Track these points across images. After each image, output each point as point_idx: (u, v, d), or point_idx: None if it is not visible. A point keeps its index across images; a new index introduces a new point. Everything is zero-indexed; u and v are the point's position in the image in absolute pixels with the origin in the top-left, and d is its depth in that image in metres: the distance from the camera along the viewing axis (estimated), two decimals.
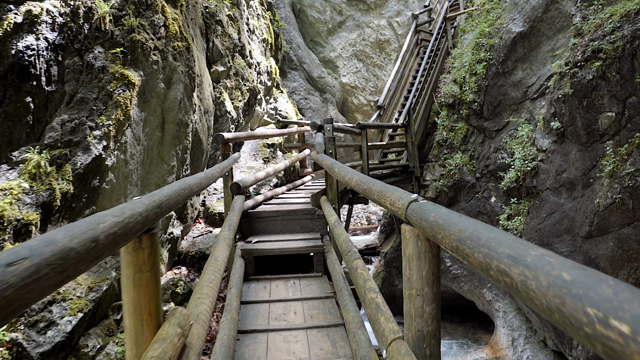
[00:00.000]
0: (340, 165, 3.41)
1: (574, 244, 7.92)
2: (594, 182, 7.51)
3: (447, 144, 12.37)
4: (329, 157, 4.28)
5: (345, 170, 3.08)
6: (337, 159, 5.49)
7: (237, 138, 5.54)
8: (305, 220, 5.54)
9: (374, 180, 2.34)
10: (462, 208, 11.74)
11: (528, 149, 9.27)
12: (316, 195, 5.62)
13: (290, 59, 22.32)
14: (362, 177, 2.54)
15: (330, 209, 4.65)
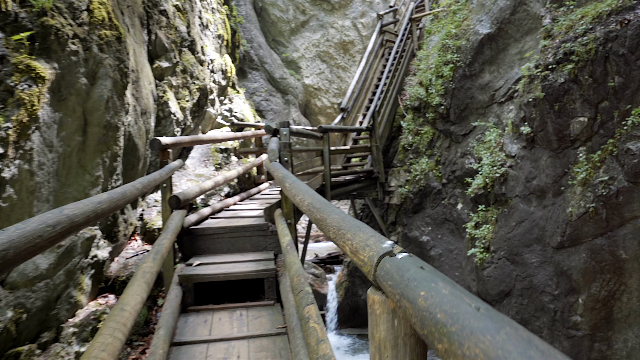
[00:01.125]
0: (293, 180, 2.80)
1: (545, 255, 7.54)
2: (566, 190, 7.14)
3: (413, 149, 11.93)
4: (281, 168, 3.66)
5: (298, 187, 2.48)
6: (293, 168, 4.88)
7: (179, 143, 4.87)
8: (257, 238, 4.91)
9: (330, 207, 1.74)
10: (427, 215, 11.32)
11: (496, 155, 8.88)
12: (270, 209, 4.99)
13: (251, 58, 21.61)
14: (317, 200, 1.94)
15: (284, 226, 4.02)
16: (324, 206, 1.73)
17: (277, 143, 4.63)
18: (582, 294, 6.82)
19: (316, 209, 1.79)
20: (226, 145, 8.21)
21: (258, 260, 4.50)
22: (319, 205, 1.79)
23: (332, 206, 1.73)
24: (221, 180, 5.71)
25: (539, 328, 7.71)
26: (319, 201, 1.88)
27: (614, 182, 6.29)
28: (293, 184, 2.65)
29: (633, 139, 6.14)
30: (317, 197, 1.97)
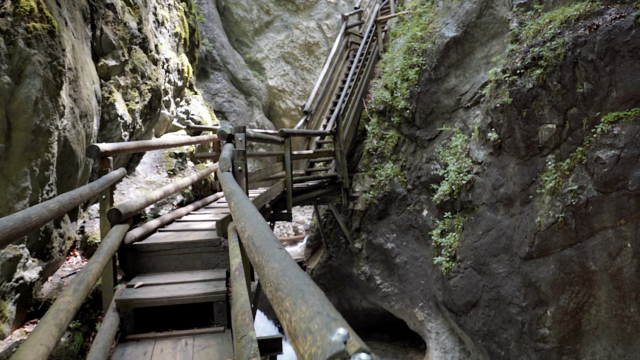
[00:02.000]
0: (239, 199, 2.40)
1: (512, 265, 7.34)
2: (534, 198, 6.96)
3: (378, 153, 11.66)
4: (231, 181, 3.24)
5: (242, 210, 2.08)
6: (248, 178, 4.45)
7: (122, 150, 4.38)
8: (208, 254, 4.46)
9: (272, 248, 1.34)
10: (393, 221, 11.05)
11: (463, 161, 8.67)
12: (222, 222, 4.55)
13: (214, 58, 21.01)
14: (258, 234, 1.54)
15: (235, 244, 3.60)
16: (265, 246, 1.34)
17: (230, 150, 4.20)
18: (551, 306, 6.63)
19: (255, 247, 1.40)
20: (181, 150, 7.70)
21: (208, 280, 4.05)
22: (259, 242, 1.40)
23: (275, 245, 1.34)
24: (172, 188, 5.24)
25: (506, 340, 7.50)
26: (260, 236, 1.49)
27: (584, 192, 6.11)
28: (238, 204, 2.25)
29: (603, 147, 5.98)
30: (260, 229, 1.57)
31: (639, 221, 5.81)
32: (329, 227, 12.63)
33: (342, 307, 12.76)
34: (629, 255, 5.92)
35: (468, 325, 8.30)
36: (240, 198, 2.37)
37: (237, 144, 4.88)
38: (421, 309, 10.45)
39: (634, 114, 5.86)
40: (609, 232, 6.00)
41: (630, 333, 6.39)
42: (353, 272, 11.96)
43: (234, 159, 4.19)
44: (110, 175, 3.95)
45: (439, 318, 10.14)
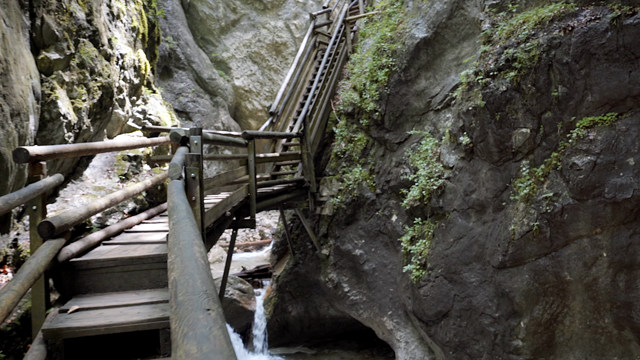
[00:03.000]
0: (180, 218, 1.97)
1: (485, 274, 7.09)
2: (507, 205, 6.71)
3: (346, 157, 11.32)
4: (178, 192, 2.80)
5: (178, 234, 1.66)
6: (203, 187, 4.00)
7: (57, 153, 3.86)
8: (157, 271, 3.98)
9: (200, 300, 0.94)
10: (361, 227, 10.73)
11: (433, 165, 8.40)
12: None
13: (178, 57, 20.34)
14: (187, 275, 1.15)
15: None
16: (189, 303, 0.95)
17: (182, 155, 3.75)
18: (524, 317, 6.39)
19: (176, 302, 1.00)
20: (136, 153, 7.15)
21: (155, 302, 3.58)
22: (182, 295, 1.01)
23: (202, 305, 0.95)
24: (120, 196, 4.73)
25: (479, 352, 7.24)
26: (187, 283, 1.09)
27: (559, 199, 5.89)
28: (176, 225, 1.83)
29: (578, 153, 5.76)
30: (190, 272, 1.18)
31: (615, 230, 5.61)
32: (296, 233, 12.22)
33: (309, 316, 12.36)
34: (605, 265, 5.72)
35: (439, 335, 8.02)
36: (180, 217, 1.94)
37: (193, 147, 4.42)
38: (390, 318, 10.14)
39: (609, 118, 5.66)
40: (585, 241, 5.78)
41: (604, 344, 6.20)
42: (320, 279, 11.57)
43: (186, 164, 3.73)
44: (39, 184, 3.44)
45: (408, 327, 9.85)
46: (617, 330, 6.00)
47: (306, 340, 12.88)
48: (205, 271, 1.22)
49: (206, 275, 1.17)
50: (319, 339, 12.95)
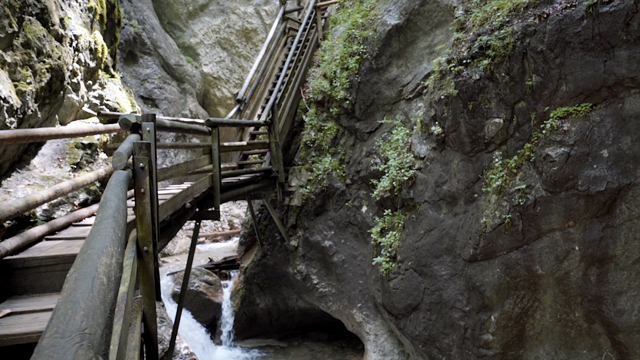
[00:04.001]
0: (105, 217, 1.66)
1: (455, 267, 6.93)
2: (479, 197, 6.55)
3: (315, 146, 11.03)
4: (117, 184, 2.47)
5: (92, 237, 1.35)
6: (154, 178, 3.65)
7: None
8: None
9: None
10: (330, 218, 10.49)
11: (404, 156, 8.19)
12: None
13: (143, 41, 19.63)
14: (72, 302, 0.83)
15: (129, 262, 2.82)
16: (47, 346, 0.66)
17: (130, 143, 3.40)
18: (495, 311, 6.26)
19: (44, 334, 0.73)
20: (91, 140, 6.71)
21: None
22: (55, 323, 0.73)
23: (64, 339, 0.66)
24: (67, 186, 4.34)
25: (448, 346, 7.11)
26: (65, 312, 0.80)
27: (532, 191, 5.74)
28: (97, 225, 1.51)
29: (552, 144, 5.61)
30: (74, 297, 0.88)
31: (587, 223, 5.49)
32: (264, 224, 11.91)
33: (278, 308, 12.11)
34: (577, 259, 5.61)
35: (408, 329, 7.86)
36: (104, 216, 1.63)
37: (145, 135, 4.07)
38: (359, 310, 9.96)
39: (584, 109, 5.52)
40: (557, 234, 5.66)
41: (573, 337, 6.13)
42: (289, 271, 11.32)
43: (134, 153, 3.38)
44: None
45: (377, 319, 9.69)
46: (587, 324, 5.92)
47: (275, 332, 12.64)
48: (101, 296, 0.93)
49: (98, 303, 0.88)
50: (287, 331, 12.73)
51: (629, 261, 5.35)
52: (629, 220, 5.27)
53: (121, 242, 1.44)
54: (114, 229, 1.45)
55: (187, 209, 5.69)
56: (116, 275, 1.16)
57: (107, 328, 0.87)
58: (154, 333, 3.58)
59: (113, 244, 1.30)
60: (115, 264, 1.20)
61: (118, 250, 1.32)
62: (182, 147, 6.87)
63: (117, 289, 1.12)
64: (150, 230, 3.49)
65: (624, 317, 5.52)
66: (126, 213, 2.04)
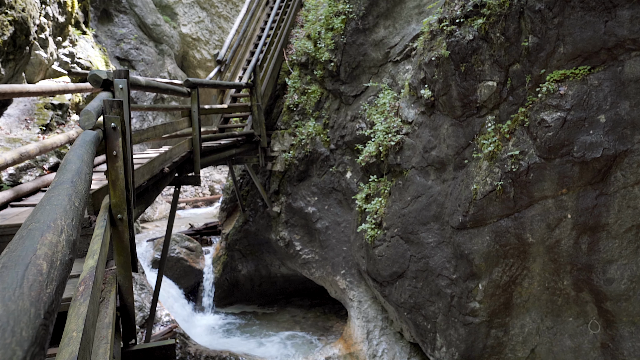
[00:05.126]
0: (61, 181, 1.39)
1: (443, 235, 6.79)
2: (469, 163, 6.35)
3: (299, 110, 10.69)
4: (82, 145, 2.17)
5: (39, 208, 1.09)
6: (128, 140, 3.34)
7: None
8: None
9: None
10: (314, 184, 10.25)
11: (391, 120, 7.93)
12: (95, 195, 3.45)
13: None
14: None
15: (100, 231, 2.55)
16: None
17: (100, 101, 3.07)
18: (483, 279, 6.16)
19: None
20: (62, 101, 6.28)
21: (70, 276, 2.98)
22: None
23: None
24: (34, 149, 4.01)
25: (434, 313, 7.04)
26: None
27: (525, 158, 5.55)
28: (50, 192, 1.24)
29: (547, 108, 5.40)
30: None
31: (581, 190, 5.34)
32: (246, 189, 11.63)
33: (260, 274, 11.98)
34: (568, 227, 5.49)
35: (393, 296, 7.77)
36: (60, 181, 1.35)
37: (117, 93, 3.72)
38: (343, 277, 9.86)
39: (582, 72, 5.30)
40: (549, 201, 5.51)
41: (560, 305, 6.08)
42: (271, 237, 11.13)
43: (105, 112, 3.06)
44: None
45: (361, 286, 9.61)
46: (575, 292, 5.86)
47: (257, 298, 12.54)
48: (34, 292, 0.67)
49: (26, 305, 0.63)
50: (269, 297, 12.64)
51: (621, 229, 5.25)
52: (623, 187, 5.13)
53: (78, 212, 1.17)
54: (69, 197, 1.18)
55: (165, 173, 5.38)
56: (65, 259, 0.89)
57: (36, 344, 0.62)
58: (130, 306, 3.34)
59: (65, 216, 1.03)
60: (65, 242, 0.94)
61: (72, 224, 1.05)
62: (160, 109, 6.49)
63: (64, 276, 0.86)
64: (125, 197, 3.20)
65: (613, 286, 5.46)
66: (90, 178, 1.75)
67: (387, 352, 8.96)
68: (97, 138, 2.67)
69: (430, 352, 7.41)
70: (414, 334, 7.79)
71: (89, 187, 1.67)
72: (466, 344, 6.57)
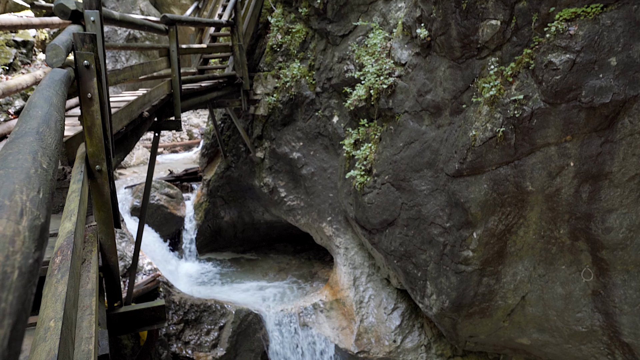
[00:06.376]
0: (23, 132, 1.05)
1: (437, 182, 6.57)
2: (468, 108, 6.05)
3: (283, 50, 10.14)
4: (51, 84, 1.80)
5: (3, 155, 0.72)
6: (104, 80, 2.93)
7: None
8: None
9: None
10: (299, 128, 9.88)
11: (383, 62, 7.51)
12: (69, 142, 3.06)
13: None
14: None
15: (77, 186, 2.21)
16: None
17: (69, 34, 2.63)
18: (478, 228, 6.00)
19: None
20: (26, 37, 5.69)
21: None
22: None
23: None
24: None
25: (425, 262, 6.93)
26: None
27: (529, 102, 5.26)
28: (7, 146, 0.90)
29: (556, 50, 5.06)
30: None
31: (586, 137, 5.12)
32: (227, 134, 11.20)
33: (243, 221, 11.75)
34: (570, 175, 5.29)
35: (383, 244, 7.64)
36: (23, 131, 1.00)
37: (89, 26, 3.26)
38: (329, 224, 9.69)
39: (594, 10, 4.94)
40: (552, 149, 5.28)
41: (554, 254, 6.00)
42: (255, 184, 10.83)
43: (76, 48, 2.63)
44: None
45: (348, 233, 9.47)
46: (570, 240, 5.75)
47: (240, 245, 12.39)
48: None
49: None
50: (253, 243, 12.49)
51: (624, 178, 5.08)
52: (630, 135, 4.92)
53: (48, 179, 0.83)
54: (34, 155, 0.83)
55: (145, 118, 4.96)
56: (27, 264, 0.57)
57: None
58: (114, 265, 3.05)
59: (29, 186, 0.70)
60: (28, 231, 0.61)
61: (39, 199, 0.71)
62: (135, 48, 5.97)
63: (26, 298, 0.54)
64: (103, 145, 2.83)
65: (611, 235, 5.35)
66: (62, 126, 1.40)
67: (374, 298, 8.95)
68: (68, 77, 2.27)
69: (419, 300, 7.37)
70: (403, 282, 7.73)
71: (61, 138, 1.31)
72: (457, 292, 6.51)
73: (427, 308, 7.19)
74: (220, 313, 8.54)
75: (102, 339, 2.28)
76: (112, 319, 2.98)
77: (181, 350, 8.06)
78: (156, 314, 3.08)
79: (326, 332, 8.68)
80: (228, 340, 8.32)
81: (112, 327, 2.95)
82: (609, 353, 6.29)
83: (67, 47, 2.49)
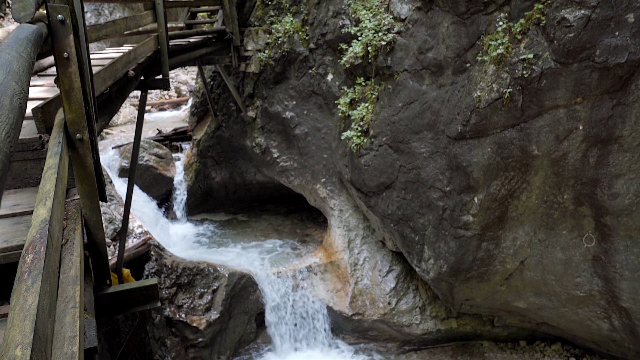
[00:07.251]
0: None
1: (437, 144, 6.34)
2: (472, 67, 5.75)
3: (274, 4, 9.66)
4: (16, 42, 1.51)
5: None
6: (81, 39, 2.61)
7: None
8: (22, 163, 2.73)
9: None
10: (292, 86, 9.52)
11: (381, 17, 7.12)
12: (45, 108, 2.76)
13: None
14: None
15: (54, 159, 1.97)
16: None
17: None
18: (480, 192, 5.82)
19: None
20: None
21: (20, 213, 2.41)
22: None
23: None
24: None
25: (423, 226, 6.78)
26: None
27: (538, 62, 4.98)
28: None
29: (570, 5, 4.74)
30: None
31: (597, 100, 4.88)
32: (217, 92, 10.81)
33: (235, 181, 11.52)
34: (578, 139, 5.09)
35: (379, 207, 7.47)
36: None
37: None
38: (323, 185, 9.49)
39: None
40: (561, 111, 5.05)
41: (556, 219, 5.86)
42: (246, 144, 10.54)
43: (47, 0, 2.31)
44: None
45: (342, 195, 9.29)
46: (574, 205, 5.60)
47: (231, 205, 12.20)
48: None
49: None
50: (245, 203, 12.30)
51: (634, 142, 4.88)
52: None
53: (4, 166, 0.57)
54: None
55: (130, 77, 4.62)
56: None
57: None
58: (100, 242, 2.81)
59: None
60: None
61: None
62: (118, 0, 5.55)
63: None
64: (83, 111, 2.54)
65: (617, 200, 5.20)
66: (24, 102, 1.13)
67: (369, 260, 8.86)
68: (39, 35, 1.96)
69: (416, 264, 7.27)
70: (400, 245, 7.61)
71: (21, 119, 1.05)
72: (456, 257, 6.40)
73: (424, 272, 7.10)
74: (213, 276, 8.41)
75: (89, 329, 2.07)
76: (101, 300, 2.77)
77: (174, 314, 7.97)
78: (148, 293, 2.88)
79: (321, 294, 8.62)
80: (222, 304, 8.24)
81: (101, 310, 2.74)
82: (605, 317, 6.27)
83: (39, 1, 2.16)
